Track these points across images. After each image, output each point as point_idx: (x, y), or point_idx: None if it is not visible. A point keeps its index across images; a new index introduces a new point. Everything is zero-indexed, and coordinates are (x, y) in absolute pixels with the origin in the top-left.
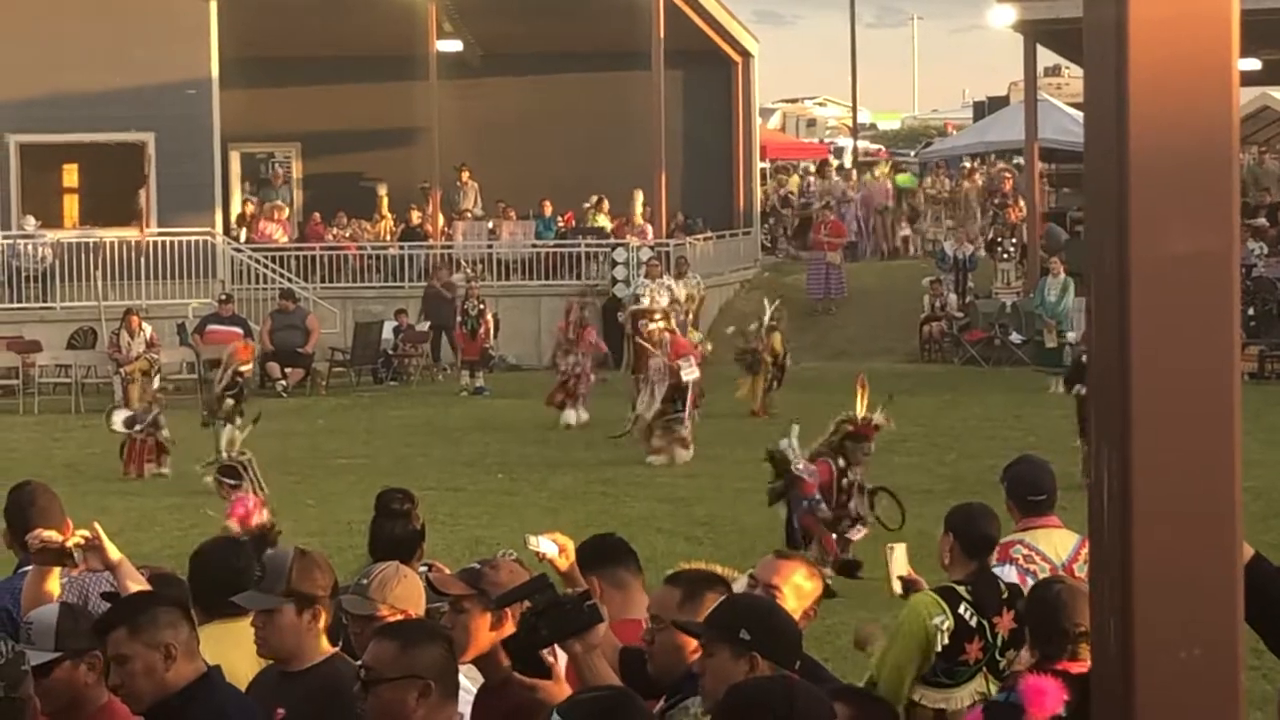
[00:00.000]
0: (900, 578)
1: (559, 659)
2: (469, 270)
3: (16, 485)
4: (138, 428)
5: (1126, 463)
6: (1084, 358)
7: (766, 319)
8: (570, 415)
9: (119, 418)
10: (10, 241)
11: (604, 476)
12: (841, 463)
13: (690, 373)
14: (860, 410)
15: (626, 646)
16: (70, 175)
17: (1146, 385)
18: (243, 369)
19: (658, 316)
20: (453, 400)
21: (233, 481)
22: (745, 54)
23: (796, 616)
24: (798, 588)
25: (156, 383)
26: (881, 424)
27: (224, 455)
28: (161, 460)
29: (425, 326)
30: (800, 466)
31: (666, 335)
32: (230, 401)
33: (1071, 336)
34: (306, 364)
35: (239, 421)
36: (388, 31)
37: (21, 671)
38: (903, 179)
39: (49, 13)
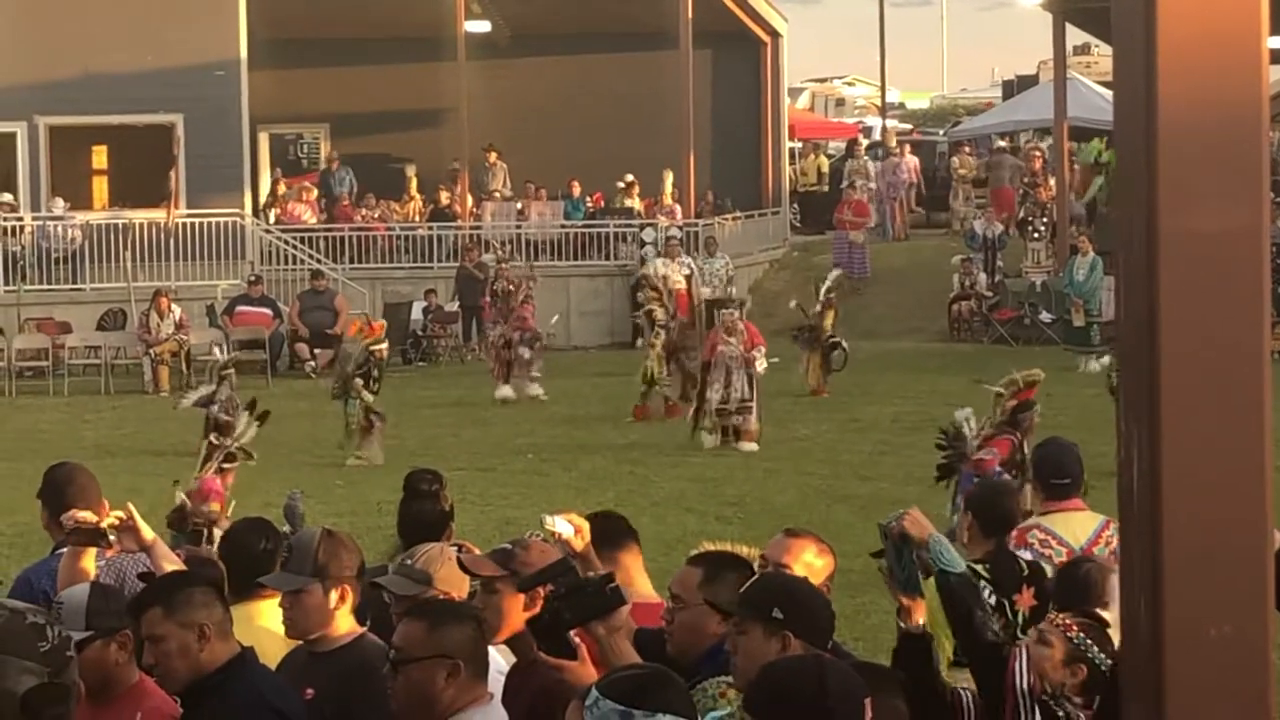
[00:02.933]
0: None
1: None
2: (499, 251)
3: (54, 465)
4: (214, 406)
5: (1156, 440)
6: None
7: (823, 293)
8: (505, 390)
9: (191, 396)
10: (40, 223)
11: (633, 457)
12: (1018, 437)
13: (763, 364)
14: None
15: (640, 629)
16: (99, 157)
17: (1175, 363)
18: (375, 347)
19: (654, 294)
20: (482, 381)
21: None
22: (774, 33)
23: None
24: (809, 565)
25: (220, 356)
26: (1038, 378)
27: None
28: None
29: (455, 307)
30: (977, 444)
31: (741, 324)
32: (359, 380)
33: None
34: (335, 345)
35: (369, 399)
36: (416, 12)
37: (67, 656)
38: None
39: None
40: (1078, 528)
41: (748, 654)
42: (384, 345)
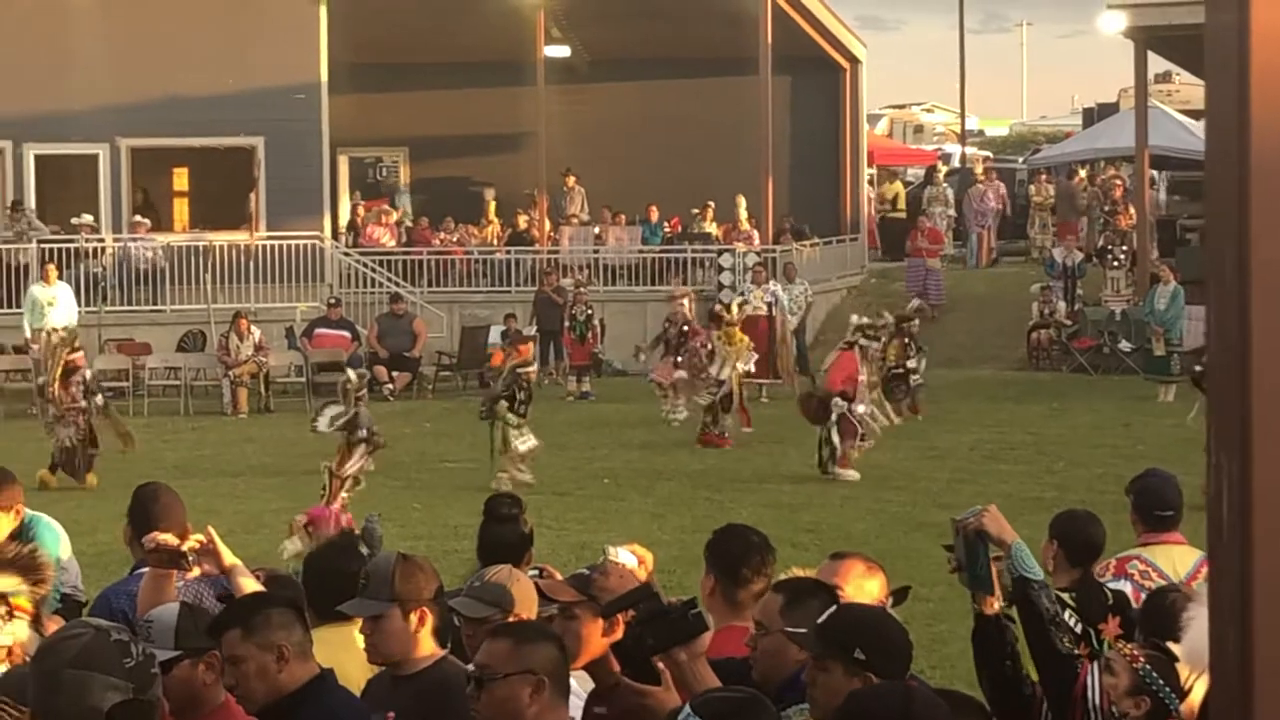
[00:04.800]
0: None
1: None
2: (578, 276)
3: (142, 484)
4: (361, 430)
5: (1247, 473)
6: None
7: (894, 319)
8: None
9: (326, 417)
10: (121, 244)
11: (709, 483)
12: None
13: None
14: None
15: (720, 659)
16: (180, 179)
17: (1267, 394)
18: (523, 369)
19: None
20: (559, 405)
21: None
22: (853, 60)
23: None
24: (860, 586)
25: (354, 377)
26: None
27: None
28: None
29: (532, 331)
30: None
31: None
32: (504, 402)
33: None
34: (413, 368)
35: (514, 421)
36: (496, 37)
37: (151, 674)
38: None
39: (160, 18)
40: (1177, 561)
41: (828, 689)
42: (532, 368)
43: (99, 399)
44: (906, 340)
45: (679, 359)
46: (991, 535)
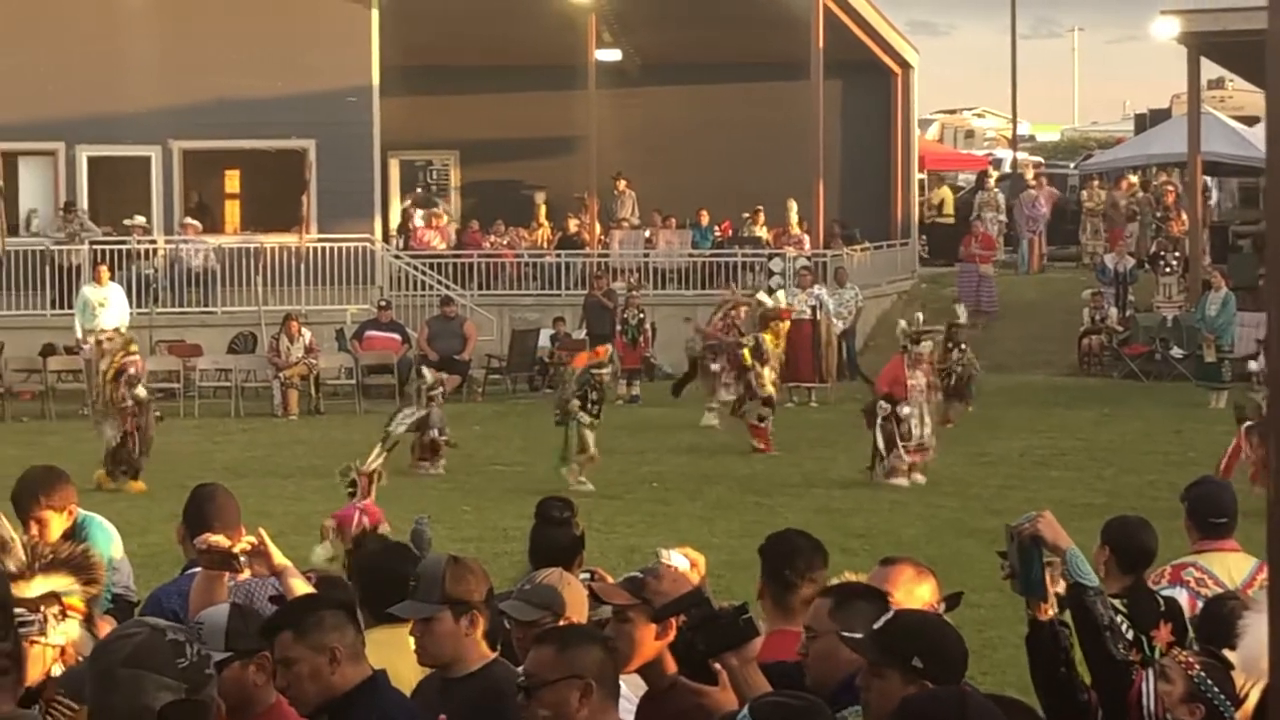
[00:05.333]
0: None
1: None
2: (630, 279)
3: (199, 485)
4: (433, 430)
5: None
6: None
7: (962, 318)
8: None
9: (404, 420)
10: (173, 246)
11: (757, 487)
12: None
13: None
14: None
15: (772, 663)
16: (232, 181)
17: None
18: (597, 370)
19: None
20: (608, 409)
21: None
22: (905, 65)
23: None
24: (910, 592)
25: (430, 378)
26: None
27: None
28: (434, 461)
29: (582, 334)
30: None
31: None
32: (576, 402)
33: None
34: (463, 371)
35: (587, 420)
36: (547, 40)
37: (206, 674)
38: None
39: (212, 20)
40: (1233, 568)
41: (883, 695)
42: (607, 369)
43: (140, 390)
44: (950, 345)
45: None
46: (1046, 541)
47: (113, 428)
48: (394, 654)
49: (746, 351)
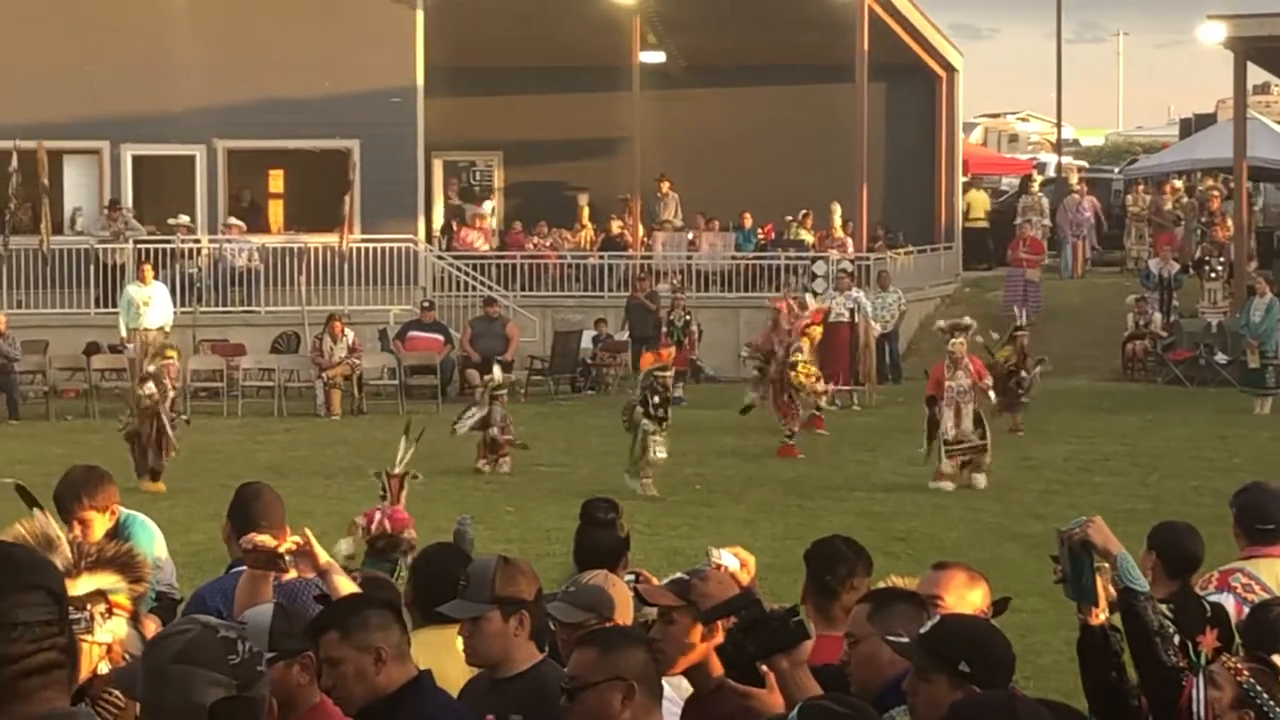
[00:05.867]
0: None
1: None
2: (675, 281)
3: (245, 484)
4: (493, 429)
5: None
6: None
7: (1021, 320)
8: None
9: (468, 420)
10: (217, 245)
11: (801, 490)
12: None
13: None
14: None
15: (818, 667)
16: (276, 181)
17: None
18: (661, 372)
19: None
20: None
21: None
22: (949, 68)
23: None
24: (961, 596)
25: (497, 377)
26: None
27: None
28: (497, 460)
29: (625, 336)
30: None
31: (967, 357)
32: (639, 408)
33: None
34: (506, 372)
35: (650, 427)
36: (591, 42)
37: (257, 672)
38: None
39: (257, 21)
40: None
41: (930, 700)
42: (670, 372)
43: (150, 388)
44: (1022, 348)
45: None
46: (1096, 546)
47: (130, 425)
48: (442, 654)
49: (799, 370)
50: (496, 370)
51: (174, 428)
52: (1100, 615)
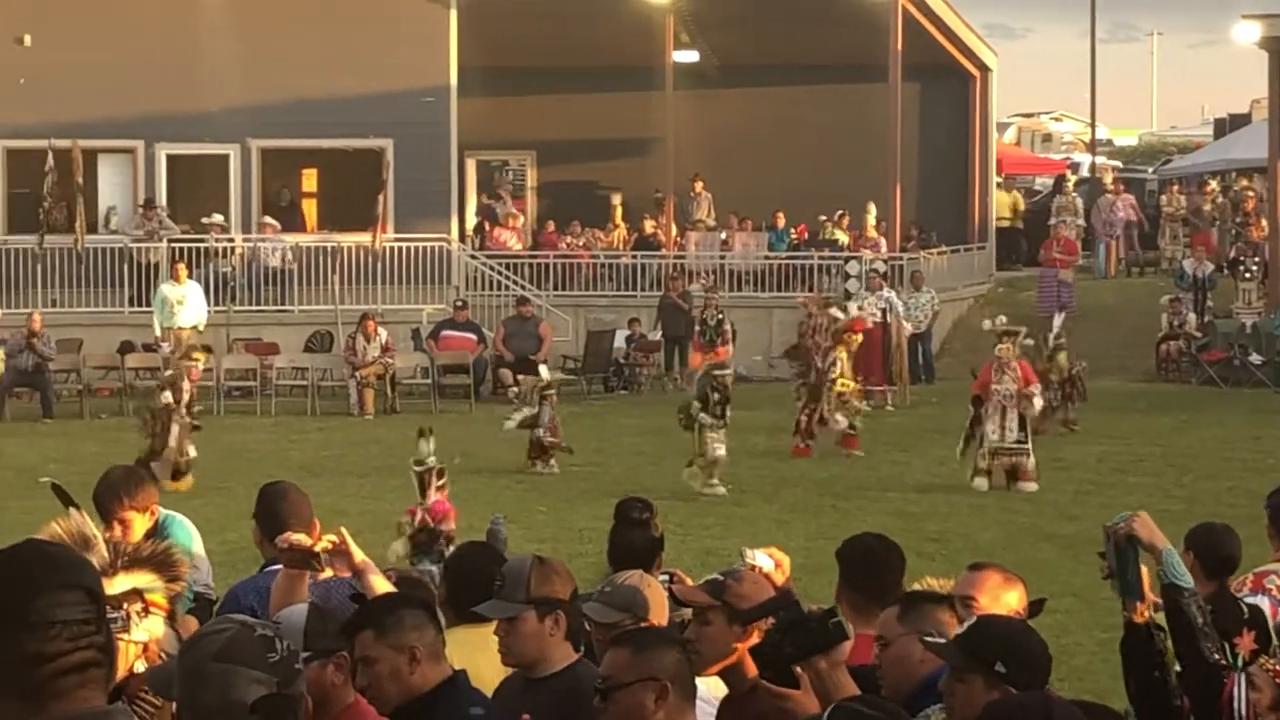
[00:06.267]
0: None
1: None
2: (705, 280)
3: (267, 484)
4: (539, 429)
5: None
6: None
7: (1053, 338)
8: None
9: (515, 418)
10: (250, 244)
11: (834, 490)
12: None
13: (1040, 402)
14: None
15: (853, 667)
16: (310, 180)
17: None
18: (719, 371)
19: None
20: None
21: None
22: (983, 68)
23: None
24: (996, 597)
25: (546, 375)
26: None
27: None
28: (545, 461)
29: (658, 336)
30: None
31: (1015, 361)
32: (697, 405)
33: None
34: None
35: (708, 422)
36: (625, 41)
37: (295, 670)
38: None
39: (291, 20)
40: None
41: (966, 701)
42: (728, 371)
43: (167, 395)
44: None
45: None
46: (1142, 541)
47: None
48: (476, 653)
49: (840, 383)
50: (544, 370)
51: (189, 426)
52: (1145, 612)
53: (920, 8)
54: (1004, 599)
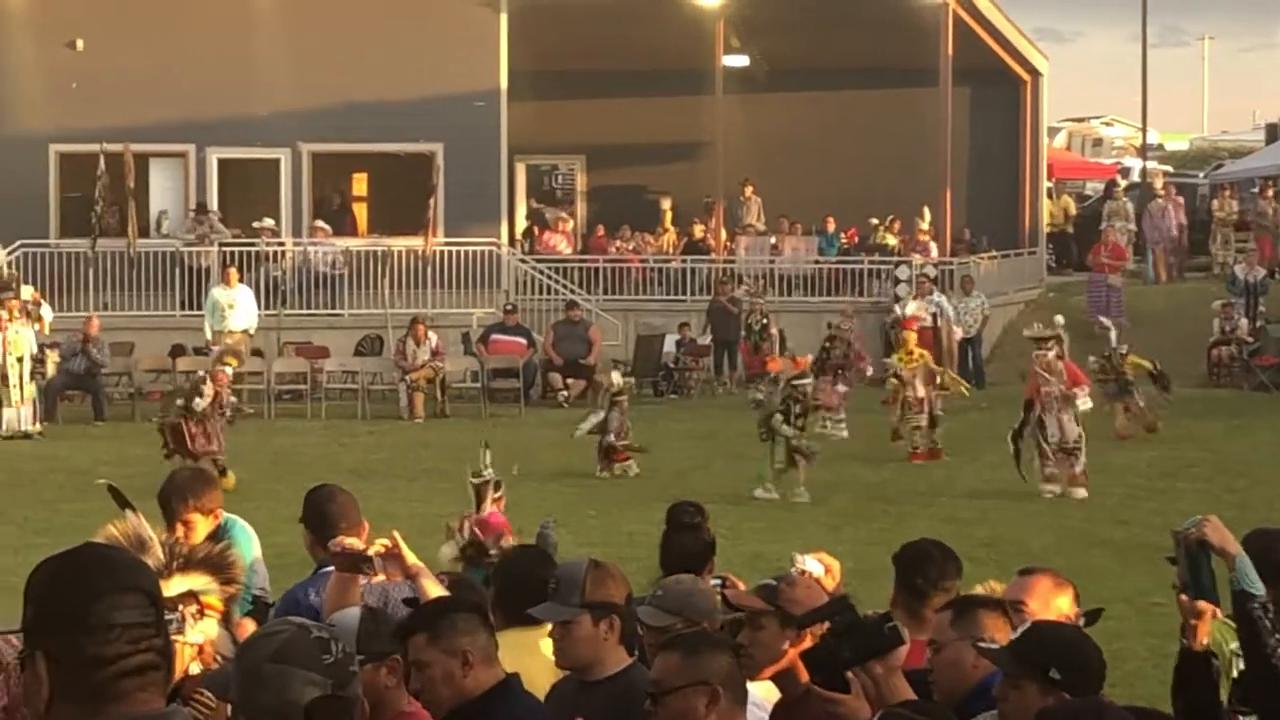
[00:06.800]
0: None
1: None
2: (750, 285)
3: (314, 487)
4: (608, 435)
5: None
6: None
7: (1115, 342)
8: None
9: (587, 424)
10: (301, 248)
11: (885, 495)
12: None
13: (1084, 403)
14: None
15: (907, 671)
16: (360, 184)
17: None
18: (799, 381)
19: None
20: (733, 414)
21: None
22: (1034, 72)
23: None
24: (1047, 602)
25: (618, 381)
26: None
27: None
28: (612, 466)
29: (707, 340)
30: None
31: (1060, 363)
32: (779, 416)
33: None
34: (588, 375)
35: (790, 433)
36: (675, 46)
37: (351, 672)
38: None
39: (341, 25)
40: None
41: (1020, 707)
42: (808, 380)
43: (197, 403)
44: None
45: (840, 376)
46: (1214, 546)
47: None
48: (526, 656)
49: (945, 376)
50: (615, 375)
51: (223, 421)
52: (1205, 637)
53: (970, 12)
54: (1055, 603)
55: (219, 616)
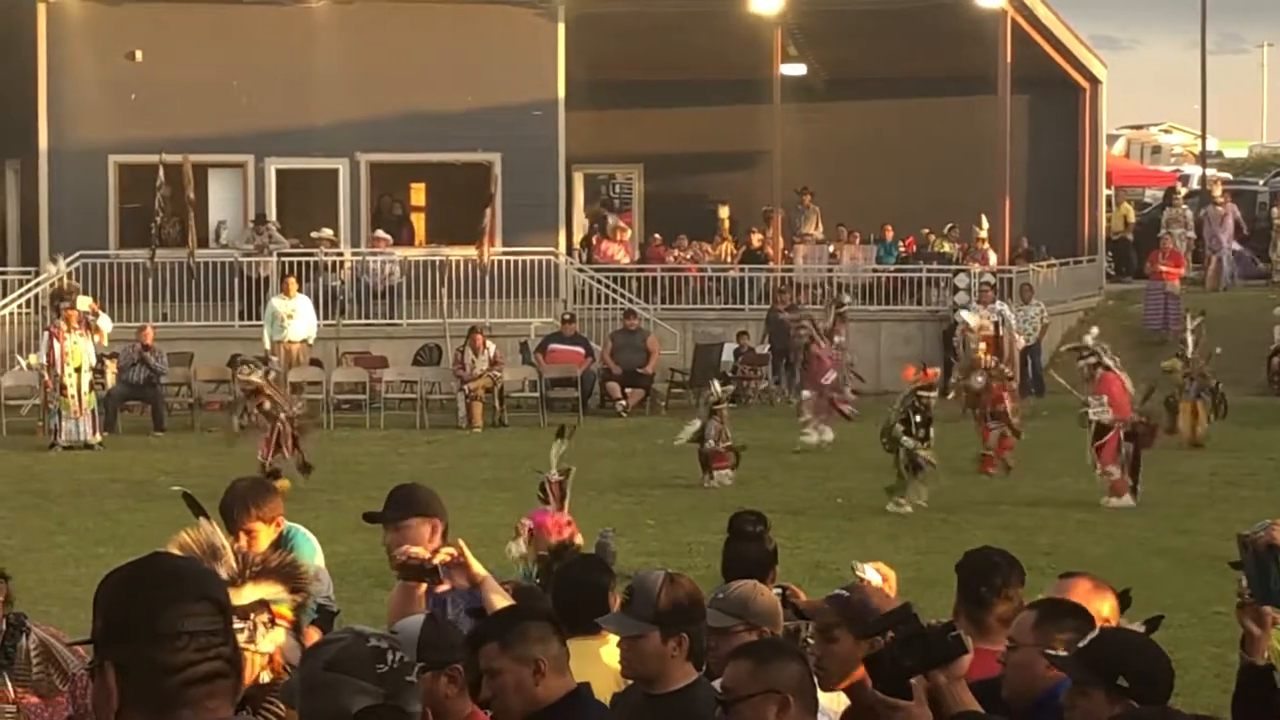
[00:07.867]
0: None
1: None
2: (787, 299)
3: (399, 486)
4: (708, 442)
5: None
6: None
7: (1192, 347)
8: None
9: (686, 432)
10: (360, 258)
11: (943, 503)
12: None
13: (1101, 413)
14: None
15: (970, 681)
16: (418, 194)
17: None
18: (925, 392)
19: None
20: (790, 424)
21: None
22: (1093, 80)
23: None
24: (1087, 606)
25: (719, 390)
26: None
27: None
28: (710, 474)
29: (766, 349)
30: None
31: (1099, 371)
32: (900, 427)
33: None
34: (646, 384)
35: (911, 444)
36: (732, 55)
37: (406, 681)
38: None
39: (399, 35)
40: None
41: (1088, 715)
42: (933, 392)
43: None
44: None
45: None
46: None
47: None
48: (586, 665)
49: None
50: (716, 385)
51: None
52: (1266, 646)
53: (1029, 20)
54: (1094, 607)
55: (289, 626)
